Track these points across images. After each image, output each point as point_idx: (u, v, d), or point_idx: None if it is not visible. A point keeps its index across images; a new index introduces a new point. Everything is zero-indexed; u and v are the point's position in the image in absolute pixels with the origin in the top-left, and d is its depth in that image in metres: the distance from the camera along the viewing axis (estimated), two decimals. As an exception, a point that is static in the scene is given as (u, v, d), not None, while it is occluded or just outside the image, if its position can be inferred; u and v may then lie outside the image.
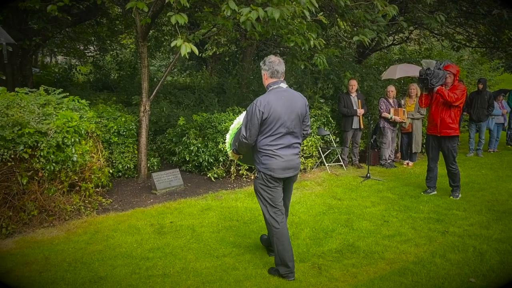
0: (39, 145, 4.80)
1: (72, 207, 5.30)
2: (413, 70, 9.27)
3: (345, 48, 12.32)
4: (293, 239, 4.77)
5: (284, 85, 3.81)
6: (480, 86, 9.98)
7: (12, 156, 4.62)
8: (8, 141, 4.55)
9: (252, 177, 7.25)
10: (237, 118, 4.29)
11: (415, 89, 8.84)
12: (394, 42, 15.08)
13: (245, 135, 3.71)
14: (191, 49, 4.49)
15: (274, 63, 3.77)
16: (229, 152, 4.23)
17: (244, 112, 3.96)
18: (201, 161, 7.25)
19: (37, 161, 4.84)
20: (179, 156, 7.60)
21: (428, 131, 6.54)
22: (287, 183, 3.97)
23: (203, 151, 7.26)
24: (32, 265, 4.04)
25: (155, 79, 13.55)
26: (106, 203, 5.88)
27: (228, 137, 4.23)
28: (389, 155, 8.80)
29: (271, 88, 3.80)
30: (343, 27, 10.92)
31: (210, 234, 4.88)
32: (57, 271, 3.91)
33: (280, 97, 3.71)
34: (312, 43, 5.85)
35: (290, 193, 4.11)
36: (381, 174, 8.10)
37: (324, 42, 6.08)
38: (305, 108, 3.86)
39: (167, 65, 16.33)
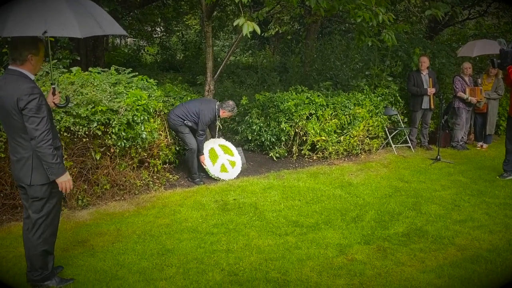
0: (111, 122, 5.02)
1: (141, 182, 5.54)
2: (492, 47, 8.56)
3: (415, 23, 11.69)
4: (357, 221, 4.67)
5: None
6: None
7: (87, 132, 4.87)
8: (83, 118, 4.79)
9: (315, 158, 7.16)
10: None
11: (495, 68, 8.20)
12: (470, 16, 14.05)
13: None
14: (253, 28, 4.45)
15: None
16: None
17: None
18: (263, 140, 7.25)
19: (109, 137, 5.07)
20: (242, 135, 7.65)
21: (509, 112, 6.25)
22: None
23: (265, 131, 7.26)
24: (105, 235, 4.29)
25: (218, 59, 13.70)
26: (173, 179, 6.08)
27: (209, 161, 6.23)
28: (462, 137, 8.31)
29: None
30: (413, 1, 10.35)
31: (272, 212, 4.90)
32: (128, 242, 4.12)
33: None
34: (380, 18, 5.59)
35: None
36: (452, 156, 7.68)
37: (393, 17, 5.79)
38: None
39: (230, 45, 16.42)
